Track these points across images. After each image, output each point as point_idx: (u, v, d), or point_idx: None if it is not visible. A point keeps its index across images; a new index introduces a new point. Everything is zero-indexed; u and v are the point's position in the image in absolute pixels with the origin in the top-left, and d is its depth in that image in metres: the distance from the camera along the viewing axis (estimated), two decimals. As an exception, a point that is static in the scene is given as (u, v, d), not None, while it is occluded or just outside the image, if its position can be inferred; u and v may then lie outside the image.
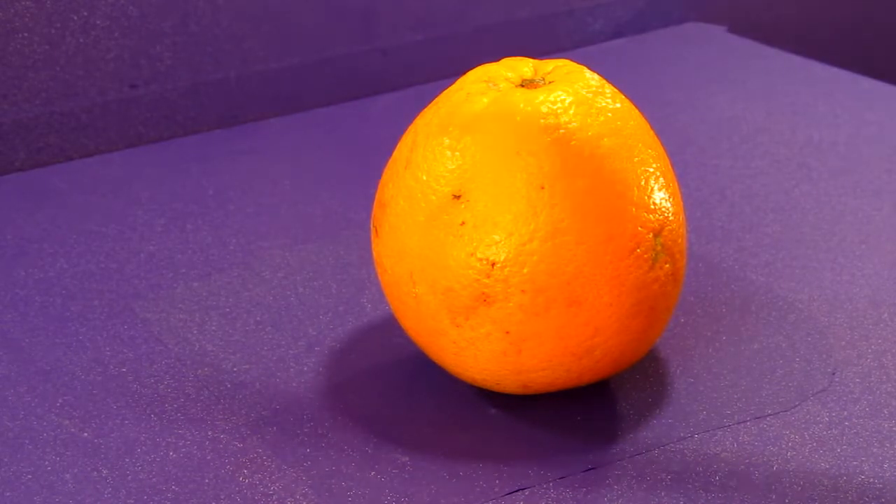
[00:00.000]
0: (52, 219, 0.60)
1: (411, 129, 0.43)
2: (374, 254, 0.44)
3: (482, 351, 0.41)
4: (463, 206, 0.41)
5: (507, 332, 0.41)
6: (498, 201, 0.40)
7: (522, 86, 0.43)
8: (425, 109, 0.43)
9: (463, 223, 0.41)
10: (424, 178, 0.41)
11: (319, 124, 0.70)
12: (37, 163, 0.66)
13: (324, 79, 0.73)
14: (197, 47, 0.69)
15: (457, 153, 0.41)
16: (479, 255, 0.40)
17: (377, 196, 0.44)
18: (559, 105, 0.41)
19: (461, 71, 0.45)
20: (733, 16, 0.86)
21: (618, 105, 0.42)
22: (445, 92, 0.43)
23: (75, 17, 0.65)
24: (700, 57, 0.78)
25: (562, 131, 0.41)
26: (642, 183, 0.41)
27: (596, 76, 0.43)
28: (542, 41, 0.79)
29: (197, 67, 0.69)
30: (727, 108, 0.69)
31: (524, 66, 0.44)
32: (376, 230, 0.43)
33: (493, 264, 0.40)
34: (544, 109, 0.41)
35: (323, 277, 0.53)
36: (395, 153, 0.43)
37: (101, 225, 0.59)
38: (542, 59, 0.45)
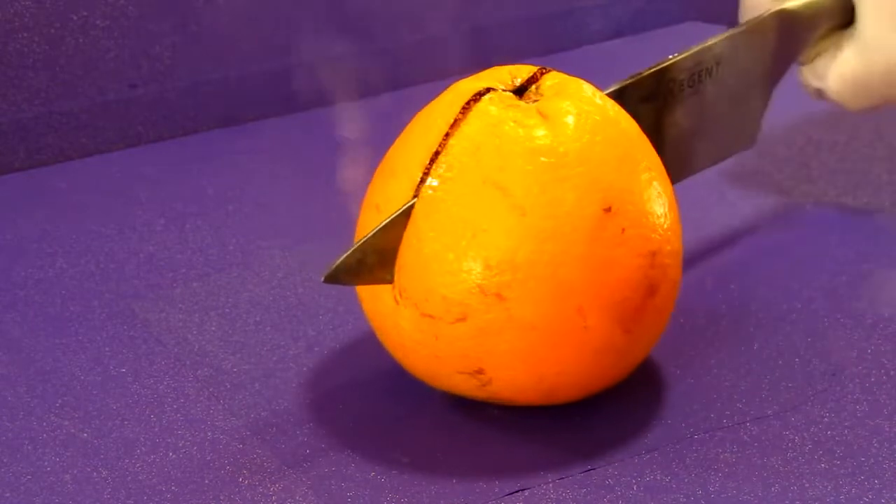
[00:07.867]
0: (52, 219, 0.60)
1: (381, 168, 0.42)
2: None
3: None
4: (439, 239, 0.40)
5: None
6: (476, 229, 0.39)
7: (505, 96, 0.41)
8: (397, 141, 0.42)
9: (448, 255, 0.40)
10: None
11: (319, 124, 0.70)
12: (36, 163, 0.66)
13: (324, 79, 0.73)
14: (197, 47, 0.69)
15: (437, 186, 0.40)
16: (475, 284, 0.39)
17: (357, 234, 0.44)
18: (538, 122, 0.40)
19: (461, 71, 0.45)
20: (733, 16, 0.86)
21: (601, 117, 0.41)
22: (418, 119, 0.42)
23: (75, 17, 0.65)
24: (700, 57, 0.78)
25: (543, 158, 0.39)
26: (638, 197, 0.40)
27: (590, 87, 0.42)
28: (541, 41, 0.79)
29: (197, 67, 0.69)
30: (727, 108, 0.69)
31: (505, 77, 0.42)
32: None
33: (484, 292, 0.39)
34: (522, 133, 0.40)
35: (323, 277, 0.53)
36: (366, 200, 0.43)
37: (101, 225, 0.59)
38: (520, 65, 0.43)
